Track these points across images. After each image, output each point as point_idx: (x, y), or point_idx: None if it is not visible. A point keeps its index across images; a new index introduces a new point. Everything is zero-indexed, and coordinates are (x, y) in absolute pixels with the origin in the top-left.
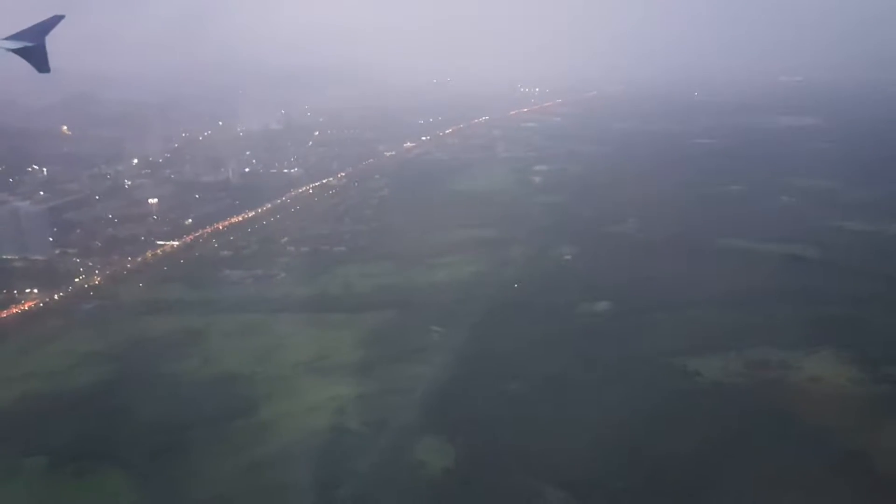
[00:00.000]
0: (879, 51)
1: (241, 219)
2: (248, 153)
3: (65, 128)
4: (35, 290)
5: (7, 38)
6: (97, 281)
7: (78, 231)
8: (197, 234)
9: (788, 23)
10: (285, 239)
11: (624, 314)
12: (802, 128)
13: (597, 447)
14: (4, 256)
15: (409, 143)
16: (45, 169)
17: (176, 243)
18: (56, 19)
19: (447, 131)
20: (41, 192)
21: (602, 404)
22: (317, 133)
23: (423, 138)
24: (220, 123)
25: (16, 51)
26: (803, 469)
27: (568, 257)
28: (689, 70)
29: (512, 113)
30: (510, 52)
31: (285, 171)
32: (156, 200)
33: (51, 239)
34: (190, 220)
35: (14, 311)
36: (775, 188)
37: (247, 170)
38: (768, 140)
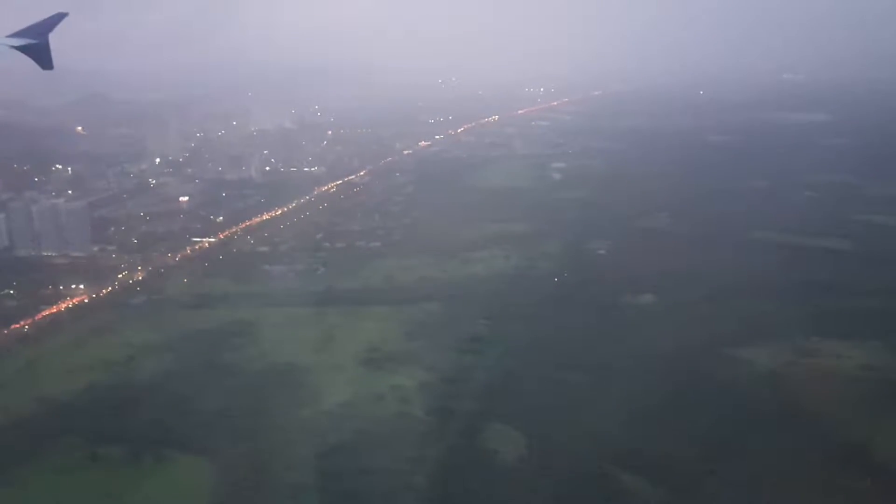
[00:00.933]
0: (876, 49)
1: (271, 215)
2: (265, 152)
3: (80, 128)
4: (81, 286)
5: (10, 36)
6: (141, 276)
7: (112, 228)
8: (231, 231)
9: (784, 22)
10: (320, 235)
11: (669, 306)
12: (813, 124)
13: (664, 434)
14: (45, 253)
15: (424, 142)
16: (69, 168)
17: (212, 240)
18: (59, 17)
19: (460, 130)
20: (70, 191)
21: (659, 394)
22: (330, 132)
23: (437, 137)
24: (234, 123)
25: (19, 48)
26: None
27: (602, 252)
28: (690, 68)
29: (520, 112)
30: (511, 52)
31: (306, 169)
32: (186, 198)
33: (89, 236)
34: (221, 218)
35: (64, 305)
36: (797, 183)
37: (268, 168)
38: (781, 136)
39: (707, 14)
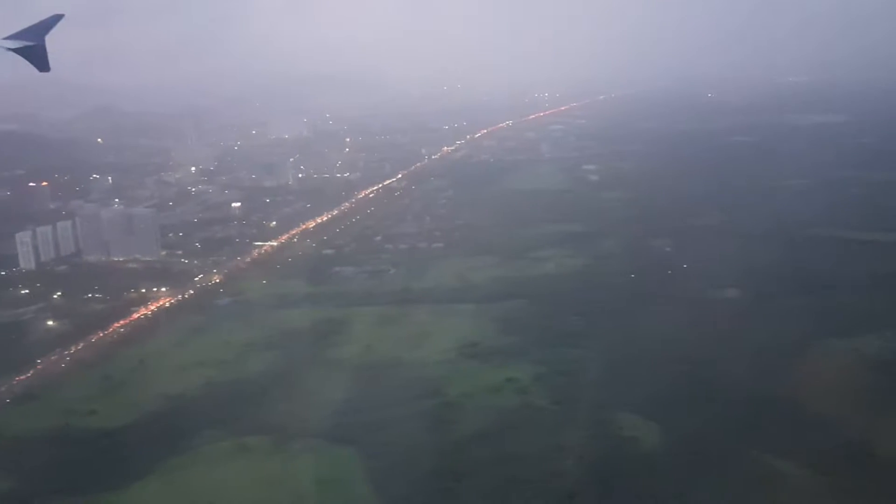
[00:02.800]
0: (869, 50)
1: (322, 220)
2: (291, 160)
3: (99, 139)
4: (163, 289)
5: (7, 38)
6: (217, 279)
7: (171, 234)
8: (288, 235)
9: (777, 24)
10: (378, 237)
11: (757, 300)
12: (832, 125)
13: (797, 422)
14: (115, 258)
15: (446, 147)
16: (109, 177)
17: (273, 244)
18: (56, 18)
19: (477, 135)
20: (115, 199)
21: (780, 381)
22: (348, 139)
23: (458, 142)
24: (253, 132)
25: (16, 50)
26: None
27: (668, 249)
28: (689, 71)
29: (532, 117)
30: (509, 58)
31: (338, 175)
32: (238, 204)
33: (159, 241)
34: (274, 223)
35: (153, 307)
36: (838, 181)
37: (300, 175)
38: (805, 137)
39: (699, 18)
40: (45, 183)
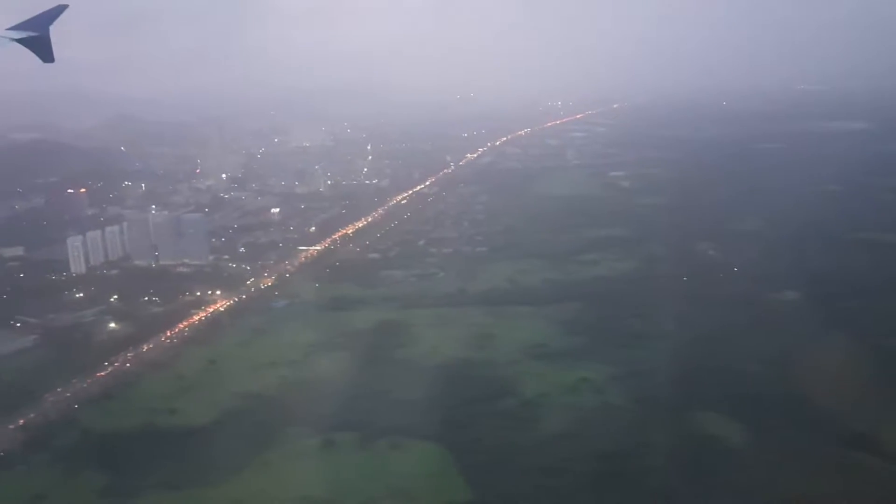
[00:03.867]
0: (888, 58)
1: (360, 225)
2: (316, 167)
3: (122, 147)
4: (217, 292)
5: (11, 28)
6: (268, 283)
7: (213, 239)
8: (330, 240)
9: (788, 34)
10: (421, 242)
11: (819, 302)
12: (855, 132)
13: (876, 418)
14: (164, 262)
15: (470, 154)
16: (142, 184)
17: (317, 248)
18: (60, 9)
19: (498, 143)
20: (153, 205)
21: (863, 379)
22: (369, 146)
23: (481, 149)
24: (276, 140)
25: (20, 40)
26: None
27: (713, 253)
28: (700, 81)
29: (549, 125)
30: (516, 68)
31: (366, 182)
32: (277, 210)
33: (207, 246)
34: (313, 228)
35: (211, 309)
36: (873, 187)
37: (329, 182)
38: (829, 144)
39: (709, 28)
40: (83, 190)
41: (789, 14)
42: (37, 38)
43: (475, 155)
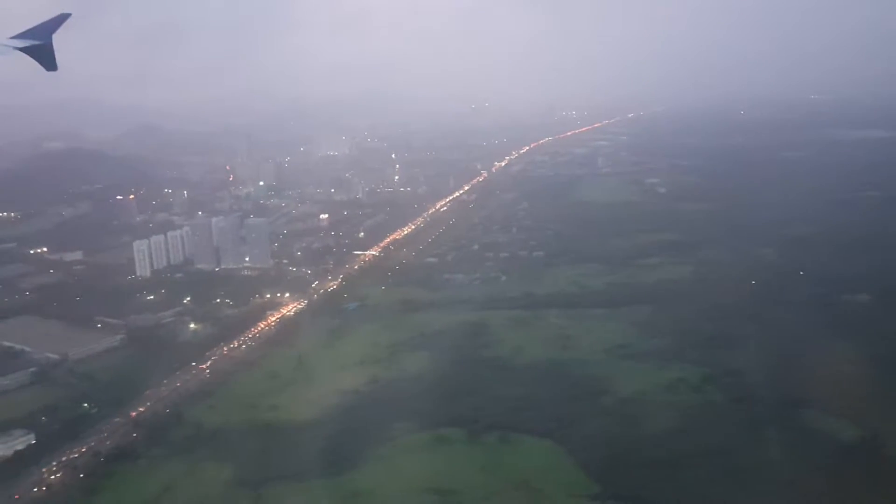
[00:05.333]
0: (887, 69)
1: (408, 230)
2: (348, 175)
3: (151, 156)
4: (286, 294)
5: (14, 37)
6: (334, 286)
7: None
8: (383, 245)
9: (798, 44)
10: (475, 247)
11: (893, 303)
12: (875, 140)
13: None
14: (226, 266)
15: (498, 163)
16: (185, 191)
17: (373, 253)
18: (62, 17)
19: (523, 151)
20: (199, 212)
21: None
22: (394, 155)
23: (508, 158)
24: (302, 149)
25: (23, 49)
26: None
27: (772, 257)
28: (710, 90)
29: (570, 133)
30: (530, 77)
31: (402, 189)
32: (326, 216)
33: (269, 250)
34: (362, 234)
35: (284, 311)
36: None
37: (366, 189)
38: (854, 151)
39: (719, 38)
40: (132, 196)
41: (796, 25)
42: (40, 46)
43: (503, 163)
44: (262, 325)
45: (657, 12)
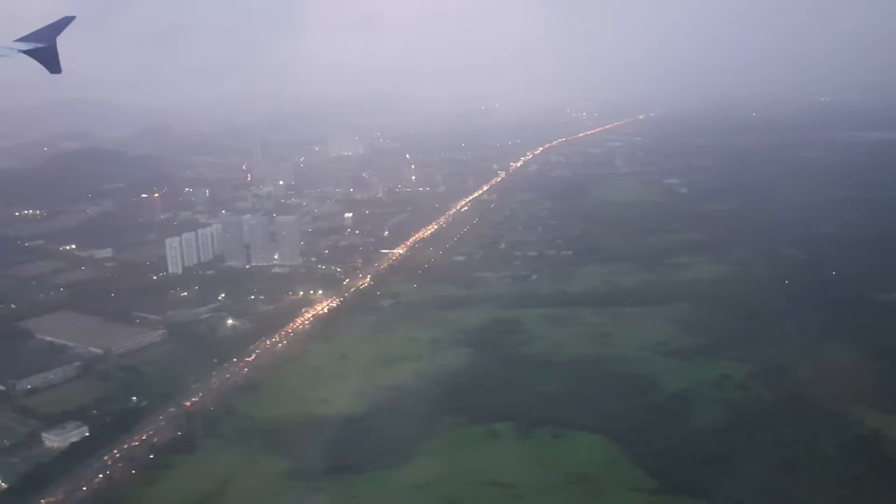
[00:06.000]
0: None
1: (432, 230)
2: (364, 175)
3: (165, 155)
4: (319, 291)
5: (19, 40)
6: (365, 283)
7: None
8: (410, 243)
9: (800, 46)
10: (503, 245)
11: None
12: (888, 142)
13: None
14: (256, 263)
15: (513, 163)
16: (206, 190)
17: (399, 251)
18: (67, 20)
19: (537, 151)
20: (223, 211)
21: None
22: (408, 156)
23: (523, 158)
24: (316, 149)
25: (28, 52)
26: None
27: (802, 256)
28: (713, 91)
29: (581, 135)
30: (537, 79)
31: (420, 189)
32: (350, 215)
33: (299, 248)
34: (387, 232)
35: (320, 307)
36: None
37: (385, 188)
38: (870, 152)
39: (722, 40)
40: (156, 195)
41: (795, 26)
42: (44, 49)
43: (519, 164)
44: (300, 321)
45: (656, 12)
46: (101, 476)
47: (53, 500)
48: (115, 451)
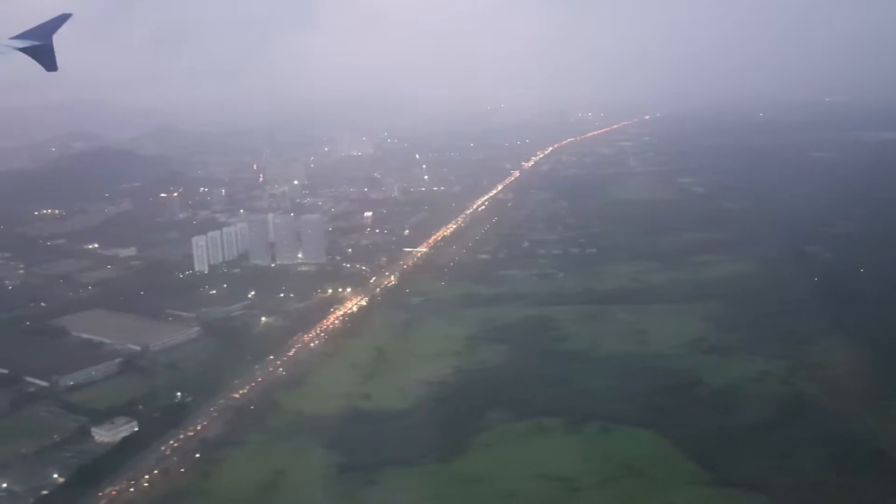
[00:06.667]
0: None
1: (453, 228)
2: (376, 174)
3: (174, 155)
4: (348, 289)
5: (14, 38)
6: (392, 281)
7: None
8: (431, 242)
9: (800, 46)
10: (525, 244)
11: None
12: None
13: None
14: (281, 262)
15: (525, 163)
16: (221, 189)
17: (422, 250)
18: (63, 18)
19: (547, 151)
20: (241, 210)
21: None
22: (417, 156)
23: (534, 158)
24: (326, 149)
25: (24, 49)
26: None
27: (827, 255)
28: (715, 92)
29: (590, 135)
30: (540, 80)
31: (435, 188)
32: (370, 214)
33: (324, 246)
34: (407, 231)
35: (350, 305)
36: None
37: (399, 188)
38: (884, 153)
39: (720, 41)
40: (175, 195)
41: (798, 27)
42: (40, 47)
43: (530, 163)
44: (332, 319)
45: (656, 12)
46: (156, 470)
47: (111, 493)
48: (167, 446)
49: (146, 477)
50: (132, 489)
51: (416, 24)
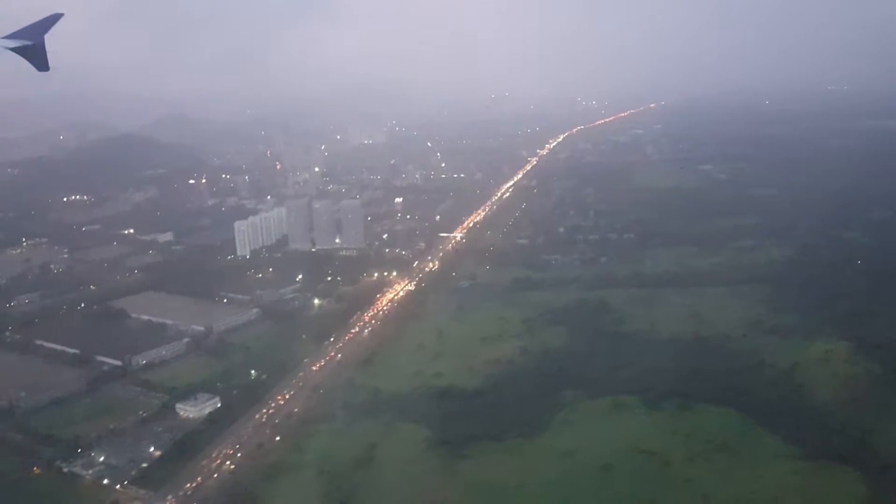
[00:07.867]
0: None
1: (482, 214)
2: (392, 161)
3: (187, 144)
4: (394, 273)
5: (6, 37)
6: (435, 265)
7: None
8: (465, 227)
9: (796, 35)
10: (561, 230)
11: None
12: None
13: None
14: (321, 247)
15: (540, 150)
16: (245, 176)
17: (458, 235)
18: (55, 17)
19: (560, 139)
20: (268, 196)
21: None
22: (429, 144)
23: (548, 145)
24: (338, 137)
25: (15, 49)
26: None
27: (865, 239)
28: (719, 81)
29: (599, 122)
30: (541, 68)
31: (454, 175)
32: (401, 200)
33: (363, 231)
34: (438, 217)
35: (399, 288)
36: None
37: (420, 175)
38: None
39: (716, 30)
40: (203, 181)
41: (797, 15)
42: (31, 46)
43: (545, 151)
44: (384, 301)
45: (654, 9)
46: (251, 444)
47: (213, 465)
48: (254, 421)
49: (241, 449)
50: (230, 463)
51: (424, 15)
